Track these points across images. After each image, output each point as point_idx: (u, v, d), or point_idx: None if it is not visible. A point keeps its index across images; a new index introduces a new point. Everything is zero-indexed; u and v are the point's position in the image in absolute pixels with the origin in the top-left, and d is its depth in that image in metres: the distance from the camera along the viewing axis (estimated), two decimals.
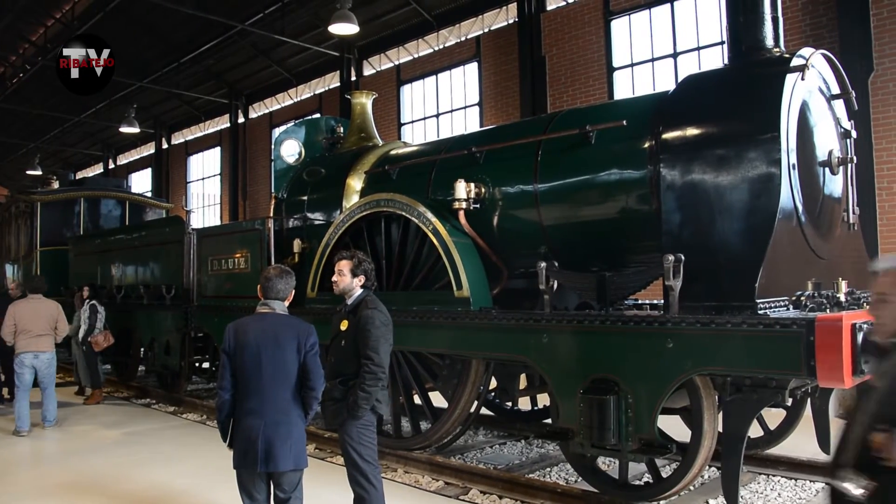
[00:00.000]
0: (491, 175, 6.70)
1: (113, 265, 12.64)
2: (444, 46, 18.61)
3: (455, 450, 7.45)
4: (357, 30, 15.25)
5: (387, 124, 19.08)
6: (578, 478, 6.04)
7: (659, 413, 4.97)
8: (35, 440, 8.69)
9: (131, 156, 34.29)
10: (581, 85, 15.07)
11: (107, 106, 27.36)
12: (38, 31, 25.08)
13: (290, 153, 9.23)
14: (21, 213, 16.06)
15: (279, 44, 21.24)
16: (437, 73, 18.91)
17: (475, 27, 17.81)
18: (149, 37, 23.16)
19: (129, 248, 12.29)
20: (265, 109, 25.13)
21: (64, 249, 14.65)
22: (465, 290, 6.33)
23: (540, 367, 5.78)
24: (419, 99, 19.56)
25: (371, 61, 20.75)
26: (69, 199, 16.00)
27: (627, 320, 5.17)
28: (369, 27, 18.84)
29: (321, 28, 18.40)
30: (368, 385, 4.47)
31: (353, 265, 4.83)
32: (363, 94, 9.45)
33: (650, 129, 5.61)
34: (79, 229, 15.71)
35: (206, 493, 6.25)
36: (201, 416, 9.83)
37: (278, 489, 4.22)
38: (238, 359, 4.17)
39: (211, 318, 9.68)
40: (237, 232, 9.71)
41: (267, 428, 4.07)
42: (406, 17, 19.02)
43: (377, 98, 9.77)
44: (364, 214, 7.35)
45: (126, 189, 18.52)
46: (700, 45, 13.52)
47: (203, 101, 26.77)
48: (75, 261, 14.19)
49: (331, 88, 21.98)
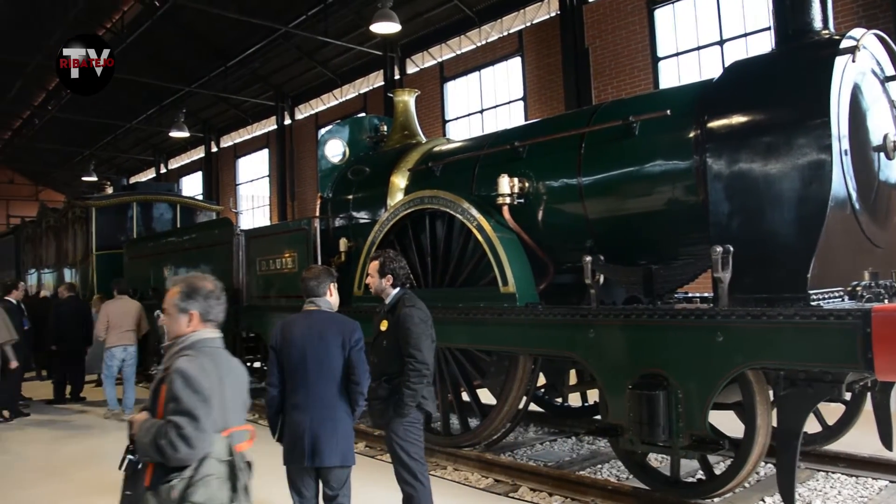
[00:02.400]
0: (534, 169, 6.65)
1: (165, 267, 12.86)
2: (487, 42, 18.54)
3: (504, 447, 7.41)
4: (399, 28, 15.27)
5: (431, 121, 19.09)
6: (629, 475, 5.96)
7: (710, 408, 4.87)
8: (95, 437, 8.93)
9: (181, 160, 34.92)
10: (626, 76, 14.88)
11: (157, 112, 27.93)
12: None
13: (334, 153, 9.28)
14: (77, 218, 16.46)
15: (323, 45, 21.41)
16: (480, 69, 18.85)
17: (517, 21, 17.70)
18: (196, 43, 23.55)
19: (180, 251, 12.51)
20: (311, 110, 25.34)
21: (119, 253, 14.98)
22: (511, 285, 6.29)
23: (588, 363, 5.72)
24: (463, 95, 19.53)
25: (414, 59, 20.77)
26: (123, 203, 16.37)
27: (676, 314, 5.08)
28: (411, 25, 18.85)
29: (364, 28, 18.47)
30: (413, 382, 4.48)
31: (378, 266, 4.86)
32: (405, 91, 9.46)
33: (695, 119, 5.50)
34: (132, 233, 16.06)
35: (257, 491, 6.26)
36: (253, 414, 9.93)
37: (326, 486, 4.25)
38: (285, 355, 4.25)
39: (260, 318, 9.80)
40: (284, 232, 9.80)
41: (313, 423, 4.12)
42: (448, 13, 19.00)
43: (421, 96, 9.76)
44: (408, 212, 7.36)
45: (177, 193, 18.82)
46: (747, 31, 13.22)
47: (250, 105, 27.12)
48: (129, 264, 14.49)
49: (375, 88, 22.08)
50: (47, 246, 18.84)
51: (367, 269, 4.93)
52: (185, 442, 2.68)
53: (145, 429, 2.77)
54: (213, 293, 3.00)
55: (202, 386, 2.74)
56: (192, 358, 2.83)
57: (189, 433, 2.68)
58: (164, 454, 2.70)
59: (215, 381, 2.81)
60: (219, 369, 2.86)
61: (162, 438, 2.69)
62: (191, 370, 2.76)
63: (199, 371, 2.77)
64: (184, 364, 2.78)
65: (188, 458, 2.71)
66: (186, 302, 2.96)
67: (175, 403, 2.72)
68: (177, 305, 2.96)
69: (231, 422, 2.88)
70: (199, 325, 2.94)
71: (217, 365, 2.88)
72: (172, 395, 2.73)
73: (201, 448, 2.73)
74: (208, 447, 2.76)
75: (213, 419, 2.76)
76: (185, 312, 2.95)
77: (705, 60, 13.91)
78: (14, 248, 22.04)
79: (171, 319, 2.98)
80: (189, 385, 2.73)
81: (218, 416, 2.79)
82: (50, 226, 18.55)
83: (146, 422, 2.81)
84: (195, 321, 2.94)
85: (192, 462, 2.73)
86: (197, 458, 2.73)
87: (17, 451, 8.29)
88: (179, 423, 2.68)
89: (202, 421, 2.71)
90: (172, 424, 2.69)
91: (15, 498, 6.40)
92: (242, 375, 3.06)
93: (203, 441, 2.72)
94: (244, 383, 3.06)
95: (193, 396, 2.71)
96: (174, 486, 2.72)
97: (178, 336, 2.96)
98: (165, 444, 2.68)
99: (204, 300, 2.96)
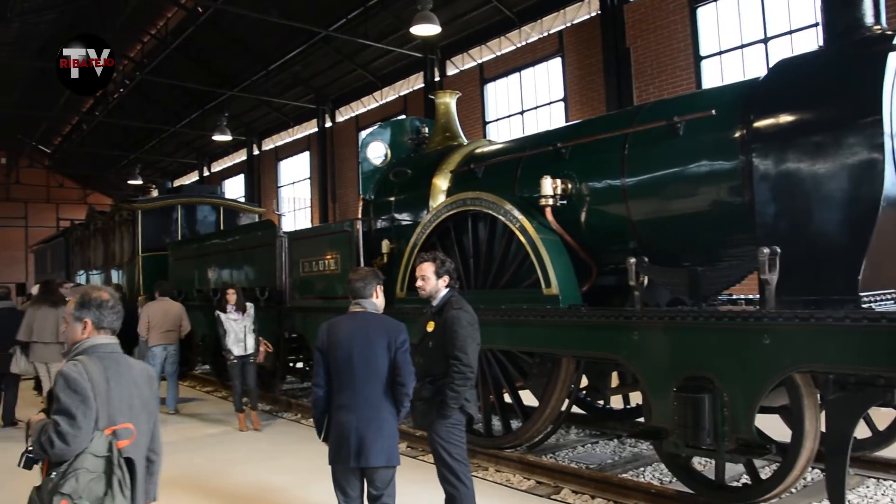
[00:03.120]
0: (577, 170, 6.62)
1: (209, 269, 13.06)
2: (527, 43, 18.53)
3: (546, 448, 7.39)
4: (439, 30, 15.32)
5: (471, 123, 19.12)
6: (673, 478, 5.90)
7: (757, 412, 4.81)
8: None
9: (224, 163, 35.43)
10: (668, 76, 14.76)
11: (200, 116, 28.39)
12: (135, 48, 26.19)
13: (376, 155, 9.34)
14: (124, 220, 16.76)
15: (363, 48, 21.57)
16: (521, 70, 18.83)
17: (557, 22, 17.65)
18: (238, 47, 23.88)
19: (224, 252, 12.67)
20: (351, 113, 25.53)
21: (164, 254, 15.24)
22: (554, 287, 6.28)
23: (632, 365, 5.67)
24: (503, 96, 19.52)
25: (454, 61, 20.82)
26: (168, 206, 16.64)
27: (721, 316, 5.03)
28: (451, 27, 18.90)
29: (404, 30, 18.57)
30: (457, 385, 4.50)
31: (436, 267, 4.87)
32: (447, 93, 9.47)
33: (740, 118, 5.42)
34: (177, 235, 16.32)
35: (302, 490, 6.39)
36: (296, 414, 10.05)
37: (371, 486, 4.27)
38: (331, 356, 4.27)
39: (303, 319, 9.90)
40: (327, 234, 9.89)
41: (359, 423, 4.14)
42: (487, 15, 19.01)
43: (461, 97, 9.78)
44: (451, 214, 7.38)
45: (220, 195, 19.07)
46: (792, 28, 13.02)
47: (291, 108, 27.41)
48: (174, 265, 14.73)
49: (415, 90, 22.18)
50: (95, 248, 19.22)
51: (419, 270, 4.92)
52: (61, 438, 2.88)
53: (37, 428, 2.99)
54: (106, 303, 3.20)
55: (81, 387, 2.94)
56: (77, 362, 3.04)
57: (65, 430, 2.89)
58: (45, 450, 2.92)
59: (101, 382, 3.00)
60: (107, 371, 3.05)
61: (43, 435, 2.92)
62: (72, 373, 2.97)
63: (79, 374, 2.97)
64: (67, 368, 3.01)
65: (64, 453, 2.91)
66: (80, 311, 3.17)
67: (56, 403, 2.94)
68: (72, 314, 3.19)
69: (117, 420, 3.04)
70: (93, 332, 3.15)
71: (106, 367, 3.07)
72: (55, 395, 2.97)
73: (77, 444, 2.91)
74: (85, 443, 2.94)
75: (92, 418, 2.95)
76: (80, 321, 3.17)
77: (749, 59, 13.72)
78: (64, 250, 22.55)
79: (68, 328, 3.21)
80: (69, 386, 2.94)
81: (102, 415, 2.98)
82: (98, 228, 18.92)
83: (40, 422, 3.02)
84: (89, 328, 3.16)
85: (69, 457, 2.93)
86: (73, 453, 2.92)
87: None
88: (58, 420, 2.90)
89: (79, 419, 2.91)
90: (52, 422, 2.92)
91: None
92: (139, 376, 3.23)
93: (78, 438, 2.91)
94: (140, 384, 3.21)
95: (72, 397, 2.92)
96: (52, 479, 2.94)
97: (75, 343, 3.17)
98: (45, 440, 2.91)
99: (97, 309, 3.16)
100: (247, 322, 9.40)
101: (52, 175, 43.25)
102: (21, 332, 9.48)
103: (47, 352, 9.37)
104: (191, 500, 6.23)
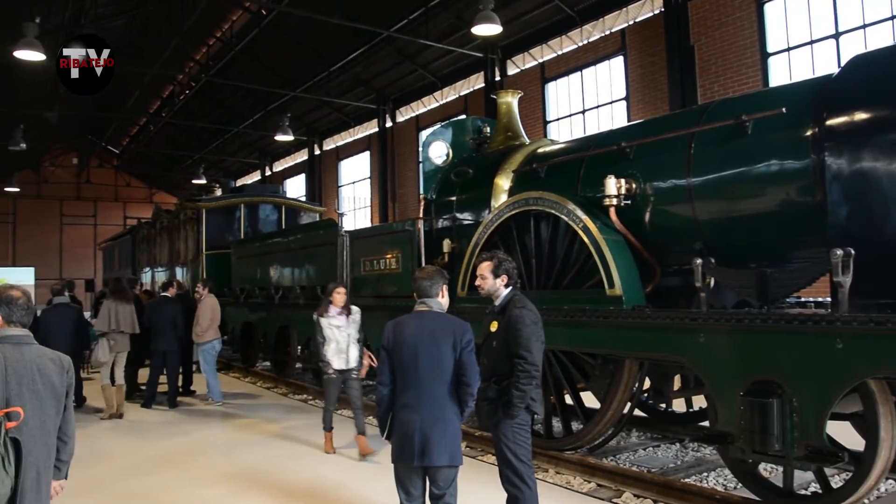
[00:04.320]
0: (642, 170, 6.54)
1: (271, 267, 13.27)
2: (588, 41, 18.37)
3: (607, 451, 7.33)
4: (500, 30, 15.27)
5: (532, 123, 19.03)
6: (738, 484, 5.80)
7: (828, 418, 4.68)
8: (205, 431, 9.33)
9: (286, 162, 35.97)
10: (733, 73, 14.47)
11: (263, 116, 28.86)
12: (200, 51, 26.77)
13: (437, 155, 9.37)
14: (188, 219, 17.16)
15: (424, 48, 21.67)
16: (582, 69, 18.68)
17: (619, 20, 17.46)
18: (300, 49, 24.22)
19: (285, 251, 12.86)
20: (412, 113, 25.66)
21: (226, 253, 15.55)
22: (618, 288, 6.21)
23: (697, 368, 5.58)
24: (564, 96, 19.39)
25: (515, 60, 20.76)
26: (231, 205, 16.99)
27: (791, 319, 4.90)
28: (512, 26, 18.85)
29: (464, 30, 18.59)
30: (523, 384, 4.49)
31: (493, 266, 4.86)
32: (509, 93, 9.44)
33: (812, 116, 5.29)
34: (240, 233, 16.64)
35: (361, 487, 6.45)
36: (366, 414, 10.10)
37: (434, 485, 4.28)
38: (396, 355, 4.29)
39: (364, 318, 9.93)
40: (388, 233, 9.95)
41: (424, 423, 4.14)
42: (549, 14, 18.91)
43: (521, 97, 9.74)
44: (513, 213, 7.36)
45: (282, 194, 19.38)
46: (865, 22, 12.62)
47: (352, 108, 27.70)
48: (237, 263, 15.02)
49: (475, 89, 22.18)
50: (161, 245, 19.72)
51: (478, 269, 4.92)
52: None
53: None
54: (17, 300, 3.56)
55: None
56: None
57: None
58: None
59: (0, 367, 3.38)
60: (7, 360, 3.39)
61: None
62: None
63: None
64: None
65: None
66: None
67: None
68: None
69: (12, 402, 3.35)
70: (3, 325, 3.51)
71: (7, 356, 3.41)
72: None
73: None
74: None
75: None
76: None
77: (819, 55, 13.35)
78: (131, 248, 23.18)
79: None
80: None
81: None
82: (163, 226, 19.41)
83: None
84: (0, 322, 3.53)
85: None
86: None
87: (135, 439, 8.71)
88: None
89: None
90: None
91: (136, 484, 6.74)
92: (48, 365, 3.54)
93: None
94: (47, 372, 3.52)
95: None
96: None
97: None
98: None
99: (7, 306, 3.53)
100: (351, 329, 7.91)
101: (120, 175, 44.59)
102: (100, 323, 10.19)
103: (123, 341, 10.24)
104: (247, 495, 6.34)
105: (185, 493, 6.42)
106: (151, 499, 6.30)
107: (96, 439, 8.63)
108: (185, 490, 6.50)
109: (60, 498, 3.76)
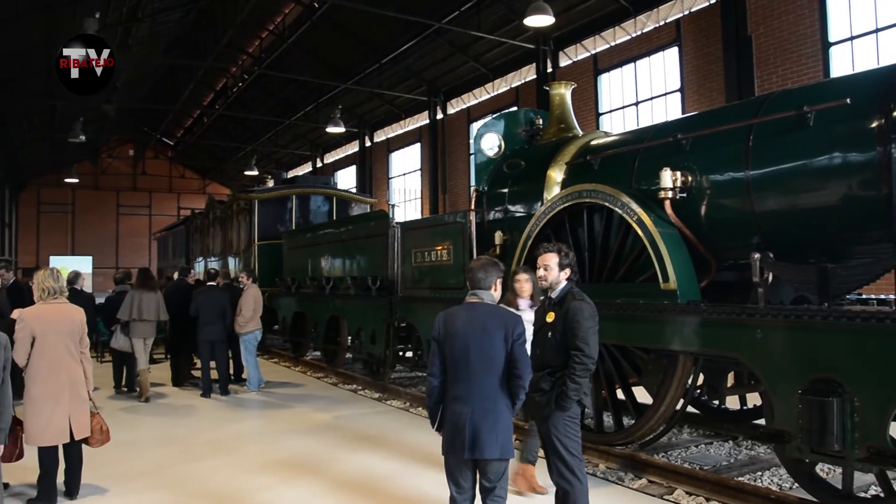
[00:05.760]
0: (698, 162, 6.42)
1: (322, 258, 13.39)
2: (643, 32, 18.14)
3: (658, 447, 7.23)
4: (552, 21, 15.17)
5: (584, 114, 18.87)
6: (794, 484, 5.68)
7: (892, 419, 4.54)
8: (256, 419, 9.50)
9: (337, 154, 36.27)
10: (792, 64, 14.13)
11: (314, 108, 29.13)
12: (253, 43, 27.10)
13: (489, 146, 9.33)
14: (241, 210, 17.41)
15: (475, 40, 21.61)
16: (636, 60, 18.46)
17: (674, 10, 17.20)
18: (352, 41, 24.36)
19: (336, 242, 12.96)
20: (462, 105, 25.64)
21: (278, 243, 15.73)
22: (672, 282, 6.11)
23: (754, 365, 5.46)
24: (617, 87, 19.18)
25: (567, 52, 20.60)
26: (282, 196, 17.19)
27: (854, 316, 4.76)
28: (565, 17, 18.71)
29: (516, 21, 18.50)
30: (579, 376, 4.45)
31: (560, 258, 4.81)
32: (562, 84, 9.35)
33: (879, 107, 5.13)
34: (291, 224, 16.83)
35: (410, 479, 6.46)
36: (405, 403, 10.16)
37: (484, 478, 4.25)
38: (447, 346, 4.26)
39: (414, 309, 10.00)
40: (440, 225, 9.96)
41: (474, 415, 4.11)
42: (602, 4, 18.71)
43: (574, 89, 9.63)
44: (566, 206, 7.29)
45: (333, 186, 19.54)
46: None
47: (403, 100, 27.78)
48: (288, 254, 15.18)
49: (527, 81, 22.07)
50: (214, 236, 20.04)
51: (543, 260, 4.86)
52: None
53: None
54: None
55: None
56: None
57: None
58: None
59: None
60: None
61: None
62: None
63: None
64: None
65: None
66: None
67: None
68: None
69: None
70: None
71: None
72: None
73: None
74: None
75: None
76: None
77: (884, 44, 12.94)
78: (184, 238, 23.62)
79: None
80: None
81: None
82: (216, 217, 19.72)
83: None
84: None
85: None
86: None
87: (189, 426, 8.88)
88: None
89: None
90: None
91: (191, 469, 6.86)
92: None
93: None
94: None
95: None
96: None
97: None
98: None
99: None
100: None
101: (174, 166, 45.55)
102: (123, 312, 10.49)
103: (148, 329, 10.66)
104: (297, 483, 6.40)
105: (237, 479, 6.52)
106: (205, 483, 6.41)
107: (157, 427, 8.82)
108: (237, 477, 6.59)
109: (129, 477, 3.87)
